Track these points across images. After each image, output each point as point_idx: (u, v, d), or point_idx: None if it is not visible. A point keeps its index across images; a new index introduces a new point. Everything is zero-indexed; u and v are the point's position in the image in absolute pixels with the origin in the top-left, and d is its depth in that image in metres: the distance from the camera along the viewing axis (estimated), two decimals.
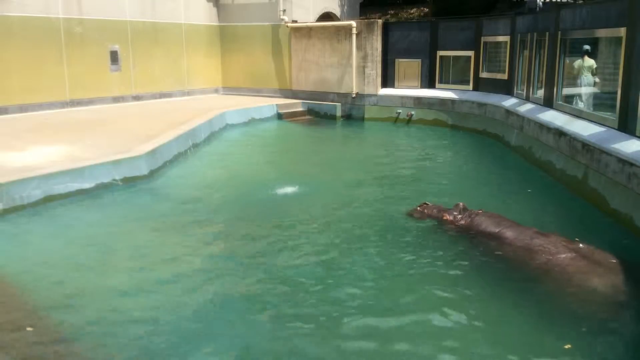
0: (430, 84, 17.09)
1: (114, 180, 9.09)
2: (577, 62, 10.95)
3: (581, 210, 8.35)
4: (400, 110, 17.05)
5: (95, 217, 7.95)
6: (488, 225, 6.78)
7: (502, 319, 5.11)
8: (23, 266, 6.24)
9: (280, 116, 17.45)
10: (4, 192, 7.74)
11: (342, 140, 15.75)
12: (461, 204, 7.36)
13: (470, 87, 16.25)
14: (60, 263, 6.36)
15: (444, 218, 7.27)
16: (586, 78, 10.87)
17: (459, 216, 7.20)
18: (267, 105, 17.48)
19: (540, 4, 13.43)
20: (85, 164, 8.90)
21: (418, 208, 7.75)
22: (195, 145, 12.35)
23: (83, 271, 6.14)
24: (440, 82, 16.94)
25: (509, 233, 6.51)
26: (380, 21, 17.56)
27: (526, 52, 13.07)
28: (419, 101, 16.81)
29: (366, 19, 19.20)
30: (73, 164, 8.84)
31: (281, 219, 7.78)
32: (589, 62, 10.82)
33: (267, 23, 19.30)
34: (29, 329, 4.85)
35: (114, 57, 17.03)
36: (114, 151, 9.76)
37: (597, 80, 10.70)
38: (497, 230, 6.63)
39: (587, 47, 10.70)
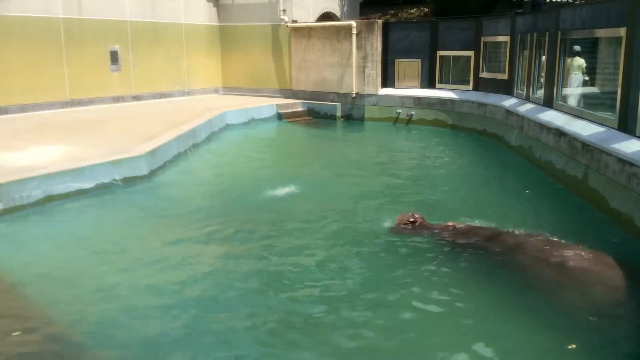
0: (430, 84, 17.09)
1: (114, 180, 9.09)
2: (567, 62, 11.02)
3: (581, 210, 8.35)
4: (400, 110, 17.05)
5: (95, 217, 7.96)
6: (481, 237, 6.69)
7: (504, 321, 5.11)
8: (23, 266, 6.24)
9: (280, 116, 17.44)
10: (4, 192, 7.74)
11: (342, 141, 15.75)
12: (450, 225, 7.02)
13: (470, 87, 16.25)
14: (60, 263, 6.36)
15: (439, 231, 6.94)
16: (575, 77, 10.95)
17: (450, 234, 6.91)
18: (267, 105, 17.48)
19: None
20: (85, 164, 8.90)
21: (409, 228, 7.04)
22: (195, 145, 12.35)
23: (83, 271, 6.14)
24: (440, 82, 16.94)
25: (504, 242, 6.45)
26: (380, 21, 17.56)
27: (526, 52, 13.07)
28: (419, 101, 16.81)
29: (366, 19, 19.18)
30: (73, 164, 8.84)
31: (278, 221, 7.77)
32: (579, 61, 10.92)
33: (267, 23, 19.30)
34: (14, 333, 4.82)
35: (114, 57, 17.03)
36: (114, 151, 9.76)
37: (586, 78, 10.78)
38: (491, 240, 6.56)
39: (577, 47, 10.80)
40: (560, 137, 9.83)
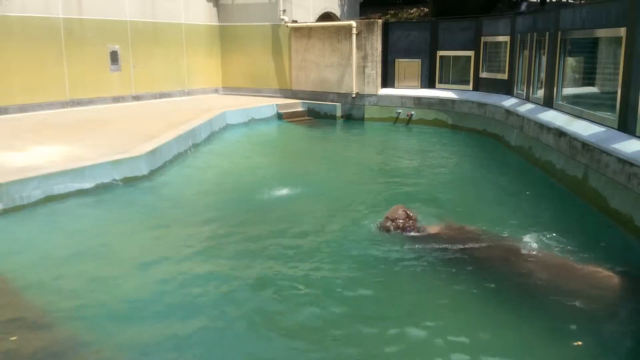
0: (430, 84, 17.09)
1: (114, 180, 9.09)
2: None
3: (581, 210, 8.35)
4: (400, 110, 17.05)
5: (95, 217, 7.95)
6: (473, 240, 6.67)
7: (509, 321, 5.11)
8: (23, 266, 6.24)
9: (280, 116, 17.44)
10: (4, 192, 7.74)
11: (342, 141, 15.74)
12: (443, 228, 6.95)
13: (470, 87, 16.25)
14: (60, 263, 6.36)
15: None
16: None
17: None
18: (267, 105, 17.47)
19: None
20: (85, 164, 8.90)
21: (389, 224, 6.92)
22: (195, 146, 12.35)
23: (83, 271, 6.14)
24: (440, 82, 16.94)
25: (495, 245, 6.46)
26: (380, 21, 17.56)
27: (526, 52, 13.07)
28: (419, 101, 16.81)
29: (366, 19, 19.18)
30: (73, 164, 8.84)
31: (278, 222, 7.76)
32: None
33: (267, 23, 19.30)
34: (12, 338, 4.82)
35: (114, 57, 17.02)
36: (114, 151, 9.76)
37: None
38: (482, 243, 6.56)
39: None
40: (560, 137, 9.83)
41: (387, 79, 17.69)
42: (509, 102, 13.75)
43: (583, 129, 9.19)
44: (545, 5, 13.36)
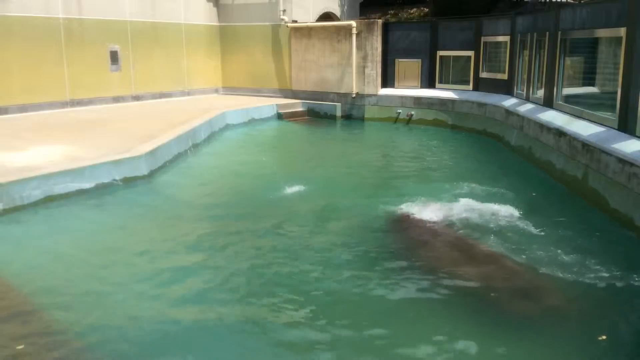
0: (430, 84, 17.09)
1: (114, 180, 9.09)
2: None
3: (581, 210, 8.34)
4: (400, 110, 17.05)
5: (95, 217, 7.96)
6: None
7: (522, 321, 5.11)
8: (22, 266, 6.24)
9: (280, 116, 17.45)
10: (4, 192, 7.74)
11: (342, 140, 15.74)
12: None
13: (470, 87, 16.26)
14: (60, 263, 6.36)
15: None
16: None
17: None
18: (267, 105, 17.48)
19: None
20: (85, 164, 8.90)
21: None
22: (195, 146, 12.35)
23: (83, 271, 6.14)
24: (440, 82, 16.95)
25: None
26: (380, 21, 17.56)
27: (526, 52, 13.08)
28: (419, 101, 16.81)
29: (366, 19, 19.18)
30: (73, 164, 8.84)
31: (279, 220, 7.77)
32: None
33: (267, 23, 19.30)
34: (13, 334, 4.82)
35: (114, 57, 17.02)
36: (114, 151, 9.76)
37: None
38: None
39: None
40: (560, 137, 9.83)
41: (387, 79, 17.70)
42: (509, 102, 13.75)
43: (583, 129, 9.19)
44: (545, 4, 13.36)
